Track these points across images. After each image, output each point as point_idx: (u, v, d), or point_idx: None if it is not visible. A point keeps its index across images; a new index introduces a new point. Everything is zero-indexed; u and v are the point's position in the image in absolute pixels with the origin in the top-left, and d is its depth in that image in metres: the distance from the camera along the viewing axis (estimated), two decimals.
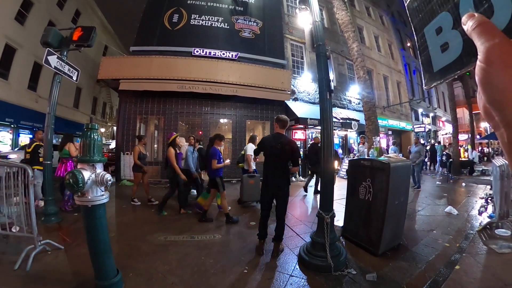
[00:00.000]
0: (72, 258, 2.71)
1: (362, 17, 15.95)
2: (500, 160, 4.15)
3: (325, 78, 2.93)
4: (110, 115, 23.02)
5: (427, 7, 0.51)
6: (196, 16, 10.02)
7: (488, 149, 21.34)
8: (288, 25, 11.67)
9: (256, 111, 9.87)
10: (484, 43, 0.29)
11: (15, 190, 2.73)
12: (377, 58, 15.91)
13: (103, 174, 1.92)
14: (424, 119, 19.39)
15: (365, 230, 3.12)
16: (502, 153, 0.49)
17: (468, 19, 0.32)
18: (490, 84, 0.28)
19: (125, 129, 8.83)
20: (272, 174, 2.94)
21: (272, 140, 2.99)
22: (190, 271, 2.53)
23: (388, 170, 2.88)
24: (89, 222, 1.95)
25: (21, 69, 12.20)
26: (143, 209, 4.92)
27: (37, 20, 12.48)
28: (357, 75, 6.91)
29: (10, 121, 11.73)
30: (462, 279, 2.45)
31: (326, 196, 2.87)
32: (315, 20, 3.04)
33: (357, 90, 10.74)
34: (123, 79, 8.41)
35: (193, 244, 3.26)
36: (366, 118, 6.65)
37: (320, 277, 2.45)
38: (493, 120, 0.29)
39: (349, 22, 6.94)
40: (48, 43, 3.97)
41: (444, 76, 0.49)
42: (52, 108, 4.11)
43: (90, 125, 2.01)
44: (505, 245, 3.14)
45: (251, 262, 2.78)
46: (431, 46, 0.51)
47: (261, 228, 3.05)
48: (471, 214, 4.67)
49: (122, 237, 3.37)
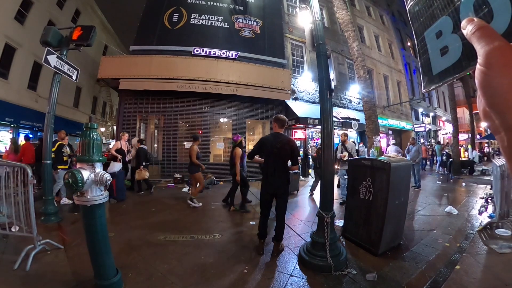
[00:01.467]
0: (72, 257, 2.70)
1: (363, 17, 15.93)
2: (500, 160, 4.14)
3: (325, 78, 2.92)
4: (110, 115, 23.02)
5: (428, 11, 0.52)
6: (196, 15, 10.00)
7: (488, 149, 21.33)
8: (288, 24, 11.66)
9: (256, 111, 9.86)
10: (484, 47, 0.29)
11: (15, 189, 2.72)
12: (378, 58, 15.89)
13: (102, 173, 1.91)
14: (424, 119, 19.37)
15: (365, 229, 3.11)
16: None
17: (467, 24, 0.33)
18: (490, 87, 0.28)
19: (125, 128, 8.80)
20: (272, 173, 2.94)
21: (272, 139, 3.01)
22: (190, 271, 2.53)
23: (388, 169, 2.88)
24: (89, 221, 1.95)
25: (21, 69, 12.19)
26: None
27: (36, 20, 12.46)
28: (357, 74, 6.90)
29: (10, 120, 11.71)
30: (462, 279, 2.44)
31: (326, 196, 2.87)
32: (315, 19, 3.03)
33: (357, 90, 10.73)
34: (123, 78, 8.41)
35: (193, 243, 3.26)
36: (366, 117, 6.65)
37: (320, 277, 2.45)
38: (493, 123, 0.29)
39: (349, 22, 6.93)
40: (48, 42, 3.96)
41: (443, 79, 0.49)
42: (52, 108, 4.11)
43: (90, 125, 2.00)
44: (505, 245, 3.14)
45: (251, 261, 2.77)
46: (431, 49, 0.52)
47: (261, 228, 3.06)
48: (471, 214, 4.66)
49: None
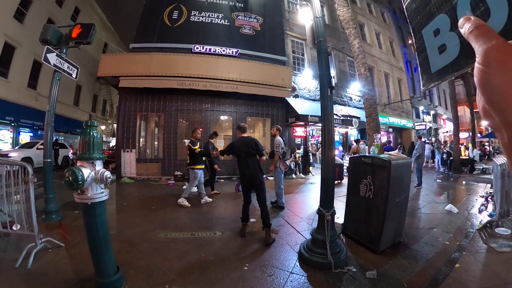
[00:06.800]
0: (73, 255, 2.72)
1: (364, 14, 15.83)
2: (501, 158, 4.13)
3: (326, 75, 2.91)
4: (110, 113, 23.04)
5: (426, 9, 0.52)
6: (196, 12, 9.94)
7: (489, 147, 21.29)
8: (289, 21, 11.59)
9: (256, 108, 9.84)
10: (481, 45, 0.29)
11: (16, 188, 2.73)
12: (378, 55, 15.82)
13: (102, 171, 1.91)
14: (425, 117, 19.32)
15: (366, 227, 3.12)
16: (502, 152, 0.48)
17: (465, 22, 0.33)
18: (489, 85, 0.28)
19: (126, 126, 8.83)
20: (247, 167, 3.46)
21: (239, 142, 3.60)
22: (190, 268, 2.54)
23: (389, 167, 2.87)
24: (89, 219, 1.95)
25: (21, 67, 12.18)
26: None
27: (36, 18, 12.43)
28: (358, 72, 6.88)
29: (10, 119, 11.74)
30: (462, 277, 2.45)
31: (326, 193, 2.87)
32: (316, 16, 3.01)
33: (358, 87, 10.70)
34: (123, 76, 8.40)
35: (193, 241, 3.27)
36: (367, 115, 6.63)
37: (320, 274, 2.46)
38: (493, 121, 0.30)
39: (350, 19, 6.89)
40: (47, 40, 3.94)
41: (441, 77, 0.49)
42: (52, 106, 4.10)
43: (90, 123, 2.00)
44: (505, 243, 3.14)
45: (252, 259, 2.78)
46: (429, 47, 0.52)
47: (243, 213, 3.53)
48: (471, 212, 4.66)
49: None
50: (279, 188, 4.85)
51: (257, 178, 3.46)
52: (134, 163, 8.68)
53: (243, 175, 3.53)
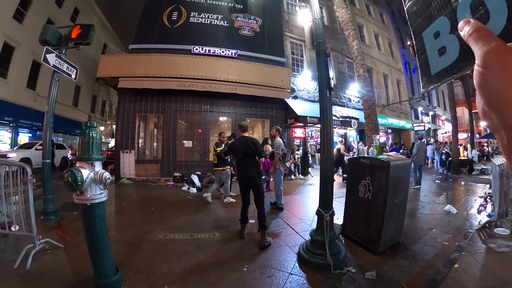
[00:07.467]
0: (72, 256, 2.71)
1: (362, 15, 15.89)
2: (499, 159, 4.15)
3: (325, 76, 2.92)
4: (109, 113, 23.00)
5: (426, 11, 0.52)
6: (196, 13, 9.96)
7: (487, 148, 21.35)
8: (288, 23, 11.63)
9: (255, 109, 9.85)
10: (481, 48, 0.29)
11: (14, 189, 2.72)
12: (377, 57, 15.88)
13: (102, 172, 1.91)
14: (424, 118, 19.39)
15: (365, 228, 3.12)
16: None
17: (464, 25, 0.33)
18: (489, 87, 0.28)
19: (125, 127, 8.81)
20: (244, 168, 3.40)
21: (238, 142, 3.56)
22: (189, 269, 2.54)
23: (388, 168, 2.88)
24: (88, 220, 1.95)
25: (20, 68, 12.16)
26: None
27: (35, 18, 12.42)
28: (357, 73, 6.90)
29: (9, 120, 11.71)
30: (461, 277, 2.45)
31: (325, 194, 2.87)
32: (315, 18, 3.02)
33: (357, 88, 10.74)
34: (122, 77, 8.39)
35: (193, 242, 3.26)
36: (365, 116, 6.65)
37: (319, 275, 2.46)
38: (493, 122, 0.30)
39: (349, 20, 6.92)
40: (47, 41, 3.94)
41: (441, 79, 0.50)
42: (51, 107, 4.09)
43: (89, 123, 2.00)
44: (504, 244, 3.15)
45: (251, 260, 2.78)
46: (429, 50, 0.52)
47: (242, 215, 3.48)
48: (470, 213, 4.68)
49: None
50: (278, 190, 4.85)
51: (254, 180, 3.41)
52: (133, 164, 8.66)
53: (240, 176, 3.49)
